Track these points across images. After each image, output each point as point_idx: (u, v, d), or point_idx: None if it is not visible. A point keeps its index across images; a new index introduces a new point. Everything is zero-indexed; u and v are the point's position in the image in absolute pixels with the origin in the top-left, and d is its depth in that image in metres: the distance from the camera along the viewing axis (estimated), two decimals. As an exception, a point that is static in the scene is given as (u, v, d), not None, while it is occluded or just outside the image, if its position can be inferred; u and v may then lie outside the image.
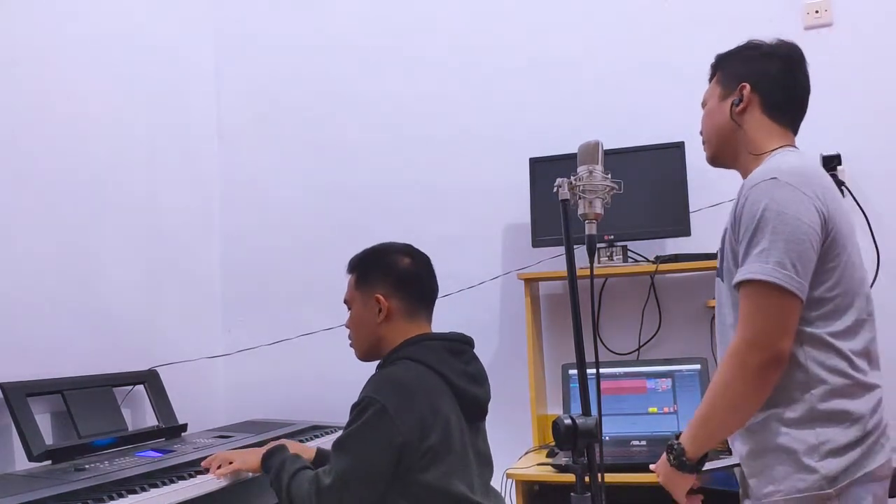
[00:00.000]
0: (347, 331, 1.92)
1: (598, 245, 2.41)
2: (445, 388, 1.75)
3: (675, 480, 1.49)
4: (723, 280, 1.52)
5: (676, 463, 1.46)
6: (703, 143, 1.67)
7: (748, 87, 1.56)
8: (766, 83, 1.57)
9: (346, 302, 1.92)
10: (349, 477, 1.64)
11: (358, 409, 1.68)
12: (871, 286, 2.26)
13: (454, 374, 1.77)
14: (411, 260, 1.88)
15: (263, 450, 1.90)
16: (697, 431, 1.45)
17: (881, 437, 1.41)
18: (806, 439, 1.38)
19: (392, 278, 1.85)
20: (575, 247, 1.36)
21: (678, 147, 2.47)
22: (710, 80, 1.68)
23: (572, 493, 1.23)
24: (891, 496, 1.46)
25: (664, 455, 1.49)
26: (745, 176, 1.55)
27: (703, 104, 1.68)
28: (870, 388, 1.42)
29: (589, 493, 1.22)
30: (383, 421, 1.63)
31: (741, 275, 1.39)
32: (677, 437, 1.48)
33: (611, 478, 1.98)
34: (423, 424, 1.66)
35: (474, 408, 1.82)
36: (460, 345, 1.85)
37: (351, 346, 1.91)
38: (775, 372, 1.36)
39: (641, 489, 2.15)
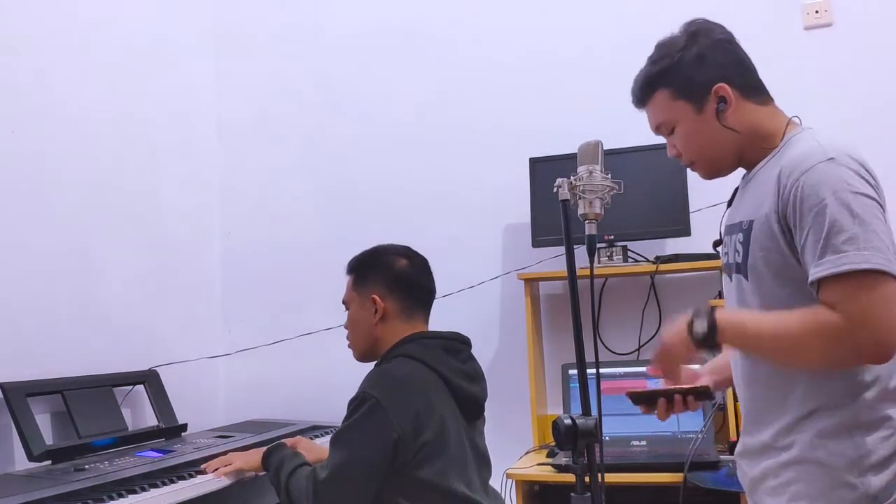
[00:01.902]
0: (347, 331, 1.93)
1: (598, 245, 2.41)
2: (442, 385, 1.76)
3: (679, 349, 1.33)
4: (746, 278, 1.35)
5: (701, 333, 1.27)
6: (690, 164, 1.47)
7: (725, 86, 1.37)
8: (732, 72, 1.39)
9: (344, 303, 1.94)
10: (345, 471, 1.65)
11: (354, 405, 1.70)
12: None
13: (451, 371, 1.78)
14: (408, 261, 1.90)
15: (264, 449, 1.91)
16: (743, 334, 1.29)
17: None
18: (844, 452, 1.24)
19: (388, 279, 1.86)
20: (575, 247, 1.36)
21: (678, 147, 2.47)
22: (646, 102, 1.46)
23: (572, 493, 1.23)
24: None
25: (685, 319, 1.32)
26: (751, 167, 1.42)
27: (663, 129, 1.47)
28: None
29: (589, 493, 1.22)
30: (378, 415, 1.65)
31: (839, 266, 1.18)
32: (711, 311, 1.29)
33: (611, 478, 1.98)
34: (417, 419, 1.67)
35: (472, 406, 1.82)
36: (457, 343, 1.86)
37: (349, 346, 1.92)
38: (876, 361, 1.22)
39: (641, 489, 2.15)
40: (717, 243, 1.58)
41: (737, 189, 1.49)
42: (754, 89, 1.42)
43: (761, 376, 1.36)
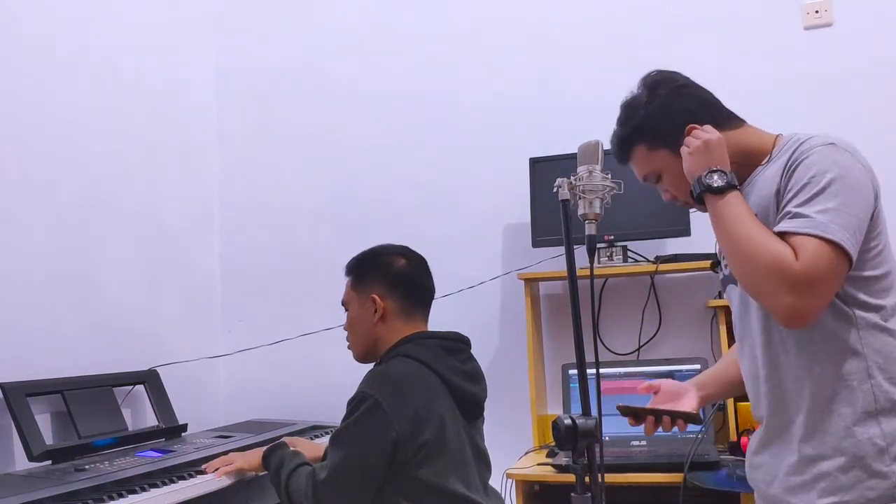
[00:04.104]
0: (346, 332, 1.93)
1: (598, 245, 2.41)
2: (441, 385, 1.76)
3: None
4: None
5: (712, 185, 1.37)
6: (685, 204, 1.53)
7: (695, 125, 1.45)
8: (697, 112, 1.47)
9: (343, 303, 1.93)
10: (344, 471, 1.65)
11: (353, 405, 1.70)
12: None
13: (450, 371, 1.78)
14: (406, 261, 1.90)
15: (264, 448, 1.91)
16: (731, 212, 1.36)
17: None
18: (873, 440, 1.29)
19: (387, 279, 1.86)
20: (575, 247, 1.36)
21: (678, 147, 2.47)
22: (628, 160, 1.56)
23: (572, 494, 1.23)
24: None
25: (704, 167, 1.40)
26: (742, 181, 1.46)
27: (650, 179, 1.55)
28: None
29: (589, 494, 1.22)
30: (377, 416, 1.65)
31: (816, 230, 1.27)
32: (733, 183, 1.38)
33: (611, 478, 1.98)
34: (416, 420, 1.67)
35: (471, 406, 1.82)
36: (457, 343, 1.86)
37: (349, 347, 1.91)
38: (789, 319, 1.28)
39: (641, 489, 2.15)
40: (714, 265, 1.65)
41: None
42: (725, 118, 1.49)
43: (783, 366, 1.39)
